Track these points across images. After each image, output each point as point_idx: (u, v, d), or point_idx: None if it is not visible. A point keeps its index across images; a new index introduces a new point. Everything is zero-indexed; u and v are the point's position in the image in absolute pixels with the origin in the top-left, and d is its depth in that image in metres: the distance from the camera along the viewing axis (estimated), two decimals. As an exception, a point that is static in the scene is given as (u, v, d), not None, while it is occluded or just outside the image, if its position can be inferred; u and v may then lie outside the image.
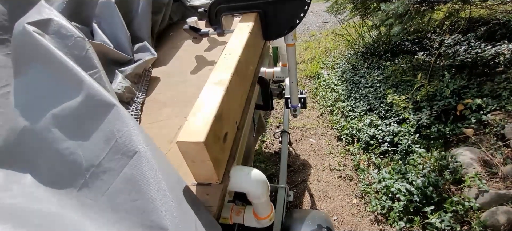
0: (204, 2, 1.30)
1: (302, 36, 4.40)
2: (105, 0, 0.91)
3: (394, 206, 1.62)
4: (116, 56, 0.86)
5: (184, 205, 0.43)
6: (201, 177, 0.48)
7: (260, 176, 0.52)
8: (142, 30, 1.00)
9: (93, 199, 0.45)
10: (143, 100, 0.81)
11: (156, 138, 0.66)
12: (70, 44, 0.61)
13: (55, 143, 0.48)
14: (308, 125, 2.55)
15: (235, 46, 0.62)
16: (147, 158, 0.43)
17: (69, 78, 0.52)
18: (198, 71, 0.92)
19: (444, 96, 2.10)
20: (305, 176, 2.07)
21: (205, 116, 0.44)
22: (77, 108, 0.49)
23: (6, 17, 0.77)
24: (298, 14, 0.77)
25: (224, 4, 0.79)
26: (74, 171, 0.46)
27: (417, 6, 2.67)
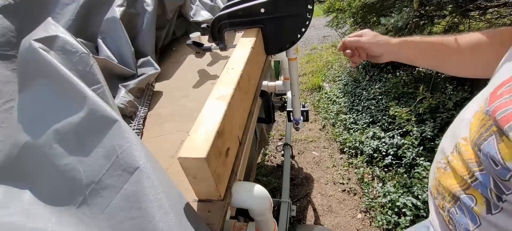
0: (207, 18, 1.32)
1: (304, 49, 4.46)
2: (111, 16, 0.93)
3: (400, 221, 1.58)
4: (120, 71, 0.87)
5: (185, 222, 0.42)
6: (203, 193, 0.47)
7: (263, 192, 0.51)
8: (146, 46, 1.02)
9: (93, 216, 0.44)
10: (146, 114, 0.81)
11: (158, 153, 0.65)
12: (74, 60, 0.62)
13: (56, 159, 0.48)
14: (311, 137, 2.54)
15: (237, 61, 0.63)
16: (148, 174, 0.43)
17: (73, 94, 0.52)
18: (201, 85, 0.93)
19: (447, 109, 2.09)
20: (308, 190, 2.04)
21: (207, 131, 0.44)
22: (79, 124, 0.49)
23: (14, 34, 0.79)
24: (299, 29, 0.78)
25: (226, 20, 0.81)
26: (74, 187, 0.46)
27: (417, 20, 2.71)
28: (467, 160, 0.44)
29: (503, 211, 0.40)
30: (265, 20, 0.78)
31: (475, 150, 0.41)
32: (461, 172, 0.46)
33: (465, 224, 0.46)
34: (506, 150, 0.34)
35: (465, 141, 0.46)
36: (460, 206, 0.47)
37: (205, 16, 1.34)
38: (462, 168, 0.46)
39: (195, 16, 1.33)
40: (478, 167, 0.42)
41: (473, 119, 0.44)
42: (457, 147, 0.48)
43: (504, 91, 0.35)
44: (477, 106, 0.44)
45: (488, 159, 0.38)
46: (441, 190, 0.52)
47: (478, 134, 0.41)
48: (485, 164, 0.40)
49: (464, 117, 0.49)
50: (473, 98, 0.51)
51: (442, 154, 0.54)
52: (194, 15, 1.34)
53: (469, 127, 0.44)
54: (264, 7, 0.76)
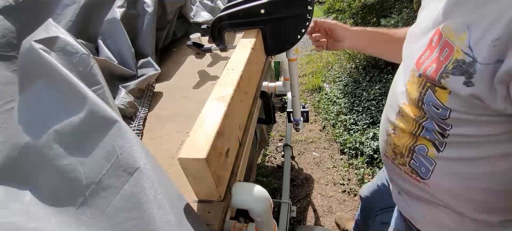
0: (207, 19, 1.33)
1: (304, 50, 4.46)
2: (111, 17, 0.94)
3: (401, 222, 1.57)
4: (120, 72, 0.87)
5: (185, 223, 0.42)
6: (203, 194, 0.47)
7: (263, 193, 0.51)
8: (146, 46, 1.02)
9: (93, 217, 0.44)
10: (146, 115, 0.81)
11: (158, 154, 0.65)
12: (75, 60, 0.62)
13: (56, 160, 0.48)
14: (311, 138, 2.54)
15: (238, 62, 0.63)
16: (148, 175, 0.43)
17: (73, 95, 0.52)
18: (201, 86, 0.93)
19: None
20: (308, 191, 2.03)
21: (207, 131, 0.44)
22: (79, 125, 0.49)
23: (15, 35, 0.79)
24: (299, 30, 0.78)
25: (226, 21, 0.81)
26: (74, 188, 0.46)
27: (417, 21, 2.69)
28: (413, 117, 0.54)
29: (448, 145, 0.51)
30: (265, 21, 0.78)
31: (419, 105, 0.51)
32: (409, 129, 0.56)
33: (425, 168, 0.56)
34: (441, 95, 0.46)
35: (405, 104, 0.56)
36: (417, 156, 0.57)
37: (205, 17, 1.34)
38: (409, 125, 0.56)
39: (195, 17, 1.34)
40: (423, 118, 0.52)
41: (408, 87, 0.54)
42: (401, 111, 0.58)
43: (424, 58, 0.49)
44: (406, 78, 0.56)
45: (431, 106, 0.48)
46: (398, 150, 0.61)
47: (417, 92, 0.51)
48: (429, 112, 0.50)
49: (397, 91, 0.60)
50: (395, 78, 0.64)
51: (388, 123, 0.63)
52: (194, 16, 1.34)
53: (407, 94, 0.55)
54: (264, 8, 0.76)
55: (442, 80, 0.44)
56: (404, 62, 0.60)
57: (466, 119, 0.45)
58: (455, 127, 0.47)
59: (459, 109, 0.44)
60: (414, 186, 0.61)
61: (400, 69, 0.62)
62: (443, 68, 0.43)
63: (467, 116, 0.44)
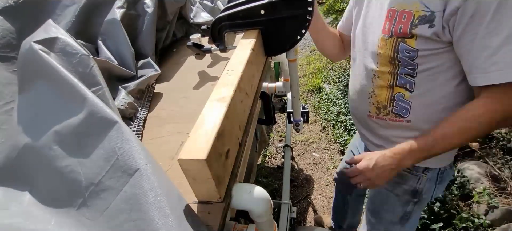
0: (207, 20, 1.33)
1: (304, 51, 4.46)
2: (111, 18, 0.94)
3: (401, 223, 1.57)
4: (120, 73, 0.87)
5: (185, 224, 0.42)
6: (203, 195, 0.47)
7: (263, 194, 0.51)
8: (146, 47, 1.02)
9: (92, 218, 0.44)
10: (146, 116, 0.81)
11: (158, 155, 0.65)
12: (75, 61, 0.62)
13: (55, 161, 0.48)
14: (311, 139, 2.54)
15: (238, 63, 0.63)
16: (148, 176, 0.43)
17: (73, 95, 0.52)
18: (201, 87, 0.93)
19: (447, 110, 2.08)
20: (308, 191, 2.03)
21: (207, 132, 0.44)
22: (79, 125, 0.49)
23: (14, 36, 0.79)
24: (299, 30, 0.78)
25: (226, 22, 0.81)
26: (73, 189, 0.46)
27: (417, 21, 2.68)
28: (388, 71, 0.73)
29: (417, 84, 0.70)
30: (265, 22, 0.78)
31: (394, 56, 0.70)
32: (386, 83, 0.75)
33: (405, 109, 0.75)
34: (410, 42, 0.66)
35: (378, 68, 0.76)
36: (397, 103, 0.75)
37: (205, 18, 1.34)
38: (386, 80, 0.75)
39: (195, 18, 1.34)
40: (397, 68, 0.71)
41: (381, 51, 0.73)
42: (376, 75, 0.77)
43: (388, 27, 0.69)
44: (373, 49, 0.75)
45: (404, 53, 0.68)
46: (381, 105, 0.79)
47: (392, 48, 0.70)
48: (402, 58, 0.68)
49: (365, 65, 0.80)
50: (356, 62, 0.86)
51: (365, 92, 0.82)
52: (194, 16, 1.34)
53: (379, 58, 0.74)
54: (264, 9, 0.76)
55: (413, 31, 0.64)
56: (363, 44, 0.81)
57: (428, 54, 0.65)
58: (420, 64, 0.67)
59: (423, 48, 0.65)
60: (397, 128, 0.79)
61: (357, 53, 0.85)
62: (410, 25, 0.64)
63: (429, 52, 0.65)
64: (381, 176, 0.70)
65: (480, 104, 0.60)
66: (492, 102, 0.58)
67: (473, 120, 0.60)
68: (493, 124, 0.59)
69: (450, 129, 0.63)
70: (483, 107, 0.59)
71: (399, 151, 0.68)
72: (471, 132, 0.61)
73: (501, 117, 0.57)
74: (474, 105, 0.61)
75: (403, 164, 0.69)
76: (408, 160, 0.67)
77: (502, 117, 0.58)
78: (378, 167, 0.70)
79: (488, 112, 0.58)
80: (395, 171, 0.70)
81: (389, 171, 0.69)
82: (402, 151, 0.68)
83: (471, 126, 0.60)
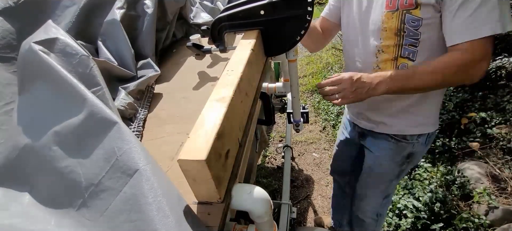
0: (207, 20, 1.33)
1: (304, 51, 4.46)
2: (111, 19, 0.94)
3: (402, 223, 1.57)
4: (120, 73, 0.87)
5: (185, 225, 0.42)
6: (202, 195, 0.47)
7: (263, 194, 0.51)
8: (146, 48, 1.02)
9: (92, 219, 0.44)
10: (145, 116, 0.81)
11: (157, 155, 0.65)
12: (74, 62, 0.62)
13: (55, 161, 0.48)
14: (311, 139, 2.53)
15: (237, 63, 0.63)
16: (148, 177, 0.43)
17: (73, 96, 0.52)
18: (201, 87, 0.93)
19: (447, 110, 2.09)
20: (308, 192, 2.03)
21: (207, 133, 0.44)
22: (79, 126, 0.49)
23: (14, 36, 0.79)
24: (299, 31, 0.78)
25: (226, 22, 0.81)
26: (73, 189, 0.46)
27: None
28: (394, 44, 0.81)
29: (418, 53, 0.80)
30: (265, 22, 0.78)
31: (401, 27, 0.78)
32: (391, 56, 0.83)
33: None
34: (415, 12, 0.75)
35: (382, 42, 0.83)
36: None
37: (205, 18, 1.34)
38: (390, 54, 0.83)
39: (195, 18, 1.34)
40: (402, 39, 0.80)
41: (386, 25, 0.81)
42: (380, 50, 0.85)
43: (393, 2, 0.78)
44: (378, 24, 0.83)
45: (409, 22, 0.76)
46: None
47: (398, 21, 0.78)
48: (408, 28, 0.77)
49: (369, 41, 0.87)
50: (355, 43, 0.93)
51: (369, 67, 0.89)
52: (194, 17, 1.34)
53: (384, 32, 0.82)
54: (264, 9, 0.76)
55: (419, 1, 0.73)
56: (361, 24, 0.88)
57: (430, 22, 0.74)
58: (423, 33, 0.76)
59: (426, 16, 0.74)
60: (398, 98, 0.89)
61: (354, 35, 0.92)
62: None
63: (431, 20, 0.74)
64: (358, 91, 0.77)
65: (449, 54, 0.74)
66: (458, 54, 0.72)
67: (443, 64, 0.73)
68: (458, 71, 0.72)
69: (425, 68, 0.75)
70: (451, 57, 0.73)
71: (382, 74, 0.78)
72: (441, 73, 0.73)
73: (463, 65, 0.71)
74: (446, 55, 0.75)
75: (379, 87, 0.77)
76: (385, 84, 0.76)
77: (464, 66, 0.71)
78: (360, 81, 0.77)
79: (455, 60, 0.72)
80: (370, 93, 0.77)
81: (367, 89, 0.77)
82: (384, 75, 0.77)
83: (441, 67, 0.73)
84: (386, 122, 0.96)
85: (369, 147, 1.09)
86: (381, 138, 1.01)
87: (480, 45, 0.68)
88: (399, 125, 0.94)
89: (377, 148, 1.04)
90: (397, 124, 0.95)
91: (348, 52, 0.98)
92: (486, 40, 0.68)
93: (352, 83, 0.77)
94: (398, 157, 1.01)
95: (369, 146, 1.09)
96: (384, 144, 1.01)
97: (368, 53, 0.88)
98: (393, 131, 0.96)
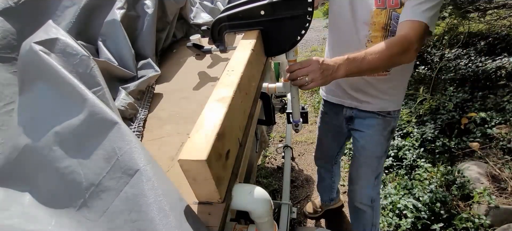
0: (207, 20, 1.33)
1: (304, 51, 4.46)
2: (111, 19, 0.94)
3: (402, 223, 1.57)
4: (120, 73, 0.87)
5: (185, 225, 0.42)
6: (203, 195, 0.47)
7: (263, 195, 0.51)
8: (146, 48, 1.02)
9: (92, 219, 0.44)
10: (146, 117, 0.81)
11: (158, 155, 0.65)
12: (75, 62, 0.62)
13: (55, 161, 0.48)
14: (311, 139, 2.54)
15: (238, 63, 0.63)
16: (148, 177, 0.43)
17: (73, 96, 0.52)
18: (201, 87, 0.93)
19: (447, 110, 2.09)
20: (308, 192, 2.03)
21: (207, 133, 0.44)
22: (79, 126, 0.49)
23: (15, 36, 0.79)
24: (299, 31, 0.78)
25: (226, 22, 0.81)
26: (73, 190, 0.46)
27: (416, 22, 2.68)
28: (381, 35, 0.96)
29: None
30: (265, 22, 0.78)
31: (388, 22, 0.93)
32: None
33: None
34: (399, 11, 0.89)
35: (371, 34, 0.98)
36: None
37: (205, 19, 1.34)
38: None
39: (195, 19, 1.34)
40: (388, 33, 0.95)
41: (375, 20, 0.95)
42: (369, 40, 0.99)
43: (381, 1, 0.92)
44: (367, 18, 0.96)
45: (395, 19, 0.91)
46: None
47: (386, 17, 0.93)
48: (393, 24, 0.92)
49: (360, 30, 1.00)
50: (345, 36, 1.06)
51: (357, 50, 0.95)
52: (194, 17, 1.34)
53: (373, 25, 0.95)
54: (264, 10, 0.76)
55: (402, 1, 0.88)
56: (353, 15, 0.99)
57: None
58: None
59: None
60: (380, 82, 1.05)
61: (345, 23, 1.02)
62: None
63: None
64: (325, 73, 0.81)
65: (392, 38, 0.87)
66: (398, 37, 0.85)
67: (388, 43, 0.83)
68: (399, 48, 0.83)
69: (374, 48, 0.84)
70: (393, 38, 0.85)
71: (340, 58, 0.83)
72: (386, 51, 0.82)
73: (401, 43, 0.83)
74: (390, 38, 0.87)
75: (340, 70, 0.82)
76: (344, 66, 0.82)
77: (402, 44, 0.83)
78: (325, 64, 0.81)
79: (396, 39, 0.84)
80: (334, 75, 0.83)
81: (331, 71, 0.82)
82: (342, 59, 0.83)
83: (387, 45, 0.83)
84: (371, 101, 1.11)
85: (358, 128, 1.20)
86: (369, 116, 1.15)
87: (418, 28, 0.83)
88: (382, 103, 1.10)
89: (367, 126, 1.17)
90: (380, 102, 1.10)
91: (338, 40, 1.10)
92: (421, 26, 0.83)
93: (320, 65, 0.81)
94: (385, 131, 1.16)
95: (358, 127, 1.20)
96: (373, 121, 1.15)
97: (358, 41, 1.01)
98: (377, 108, 1.11)
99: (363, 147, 1.21)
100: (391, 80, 1.05)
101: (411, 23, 0.84)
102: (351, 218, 1.48)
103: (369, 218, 1.35)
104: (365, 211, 1.33)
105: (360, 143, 1.21)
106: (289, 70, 0.87)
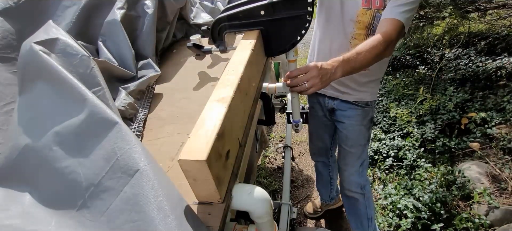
0: (207, 20, 1.33)
1: (304, 51, 4.46)
2: (111, 19, 0.94)
3: (402, 223, 1.57)
4: (120, 73, 0.87)
5: (185, 225, 0.42)
6: (203, 195, 0.47)
7: (263, 195, 0.51)
8: (146, 48, 1.02)
9: (92, 219, 0.44)
10: (146, 117, 0.81)
11: (158, 155, 0.65)
12: (75, 62, 0.62)
13: (55, 162, 0.48)
14: (311, 139, 2.53)
15: (238, 63, 0.63)
16: (148, 177, 0.43)
17: (73, 96, 0.52)
18: (201, 87, 0.93)
19: (447, 110, 2.09)
20: (308, 192, 2.03)
21: (207, 133, 0.44)
22: (79, 126, 0.49)
23: (15, 37, 0.79)
24: (299, 31, 0.78)
25: (226, 22, 0.81)
26: (73, 190, 0.46)
27: (417, 22, 2.71)
28: (364, 33, 1.04)
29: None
30: (265, 22, 0.78)
31: (372, 22, 1.01)
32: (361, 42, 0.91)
33: None
34: (381, 12, 0.96)
35: (356, 31, 1.05)
36: None
37: (205, 19, 1.34)
38: (361, 40, 1.01)
39: (195, 19, 1.34)
40: (371, 31, 1.02)
41: (360, 18, 1.02)
42: (354, 37, 1.07)
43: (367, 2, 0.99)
44: (352, 17, 1.03)
45: (378, 19, 0.97)
46: None
47: (370, 17, 1.00)
48: (375, 24, 0.99)
49: (346, 27, 1.07)
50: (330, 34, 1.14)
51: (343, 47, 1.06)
52: (194, 17, 1.34)
53: (358, 23, 1.03)
54: (264, 10, 0.76)
55: (385, 2, 0.95)
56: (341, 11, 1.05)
57: None
58: None
59: None
60: (361, 75, 1.12)
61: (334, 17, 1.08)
62: (383, 1, 0.96)
63: None
64: (324, 78, 0.82)
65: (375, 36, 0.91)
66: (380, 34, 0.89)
67: (374, 42, 0.88)
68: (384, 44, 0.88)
69: (363, 47, 0.87)
70: (376, 36, 0.89)
71: (336, 60, 0.85)
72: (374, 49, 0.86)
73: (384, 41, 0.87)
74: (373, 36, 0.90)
75: (337, 72, 0.84)
76: (341, 68, 0.84)
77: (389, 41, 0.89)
78: (323, 68, 0.82)
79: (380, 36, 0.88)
80: (332, 77, 0.84)
81: (329, 75, 0.83)
82: (338, 60, 0.84)
83: (373, 43, 0.87)
84: (350, 92, 1.19)
85: (340, 119, 1.28)
86: (349, 107, 1.23)
87: (397, 26, 0.90)
88: (361, 94, 1.19)
89: (348, 117, 1.26)
90: (358, 94, 1.19)
91: (325, 33, 1.16)
92: (400, 25, 0.90)
93: (318, 70, 0.81)
94: (365, 120, 1.25)
95: (340, 118, 1.28)
96: (353, 111, 1.23)
97: (343, 37, 1.09)
98: (356, 99, 1.20)
99: (346, 137, 1.30)
100: (370, 74, 1.15)
101: (391, 21, 0.91)
102: (347, 211, 1.52)
103: (363, 208, 1.38)
104: (357, 199, 1.37)
105: (343, 133, 1.30)
106: (289, 77, 0.87)
